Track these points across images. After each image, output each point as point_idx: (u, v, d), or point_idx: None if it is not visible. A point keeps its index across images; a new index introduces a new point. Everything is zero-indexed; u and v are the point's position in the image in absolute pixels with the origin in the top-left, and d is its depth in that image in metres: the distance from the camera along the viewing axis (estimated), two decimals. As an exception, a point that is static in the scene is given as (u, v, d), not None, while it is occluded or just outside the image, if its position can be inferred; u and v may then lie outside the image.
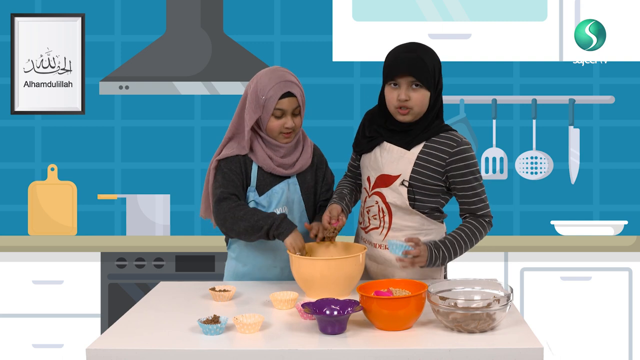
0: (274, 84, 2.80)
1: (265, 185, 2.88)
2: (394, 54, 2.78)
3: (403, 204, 2.78)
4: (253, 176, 2.88)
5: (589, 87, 4.70)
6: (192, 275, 4.21)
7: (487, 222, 2.83)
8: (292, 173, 2.91)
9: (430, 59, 2.76)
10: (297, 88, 2.83)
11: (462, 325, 2.23)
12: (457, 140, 2.78)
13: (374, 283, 2.43)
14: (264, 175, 2.89)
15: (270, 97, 2.79)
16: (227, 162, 2.86)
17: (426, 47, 2.80)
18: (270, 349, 2.14)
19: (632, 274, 4.18)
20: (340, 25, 4.36)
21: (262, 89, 2.81)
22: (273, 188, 2.88)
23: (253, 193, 2.88)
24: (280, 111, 2.80)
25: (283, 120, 2.82)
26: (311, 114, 4.64)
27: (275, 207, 2.88)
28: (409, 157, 2.77)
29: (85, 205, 4.75)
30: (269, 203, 2.88)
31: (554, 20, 4.33)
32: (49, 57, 4.70)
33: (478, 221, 2.81)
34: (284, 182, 2.91)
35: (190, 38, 4.52)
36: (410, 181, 2.76)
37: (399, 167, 2.78)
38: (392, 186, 2.78)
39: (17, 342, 4.22)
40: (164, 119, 4.75)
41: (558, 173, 4.70)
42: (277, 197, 2.89)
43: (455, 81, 4.70)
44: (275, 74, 2.84)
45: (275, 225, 2.73)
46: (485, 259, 4.21)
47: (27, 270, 4.24)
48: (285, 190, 2.90)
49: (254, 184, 2.88)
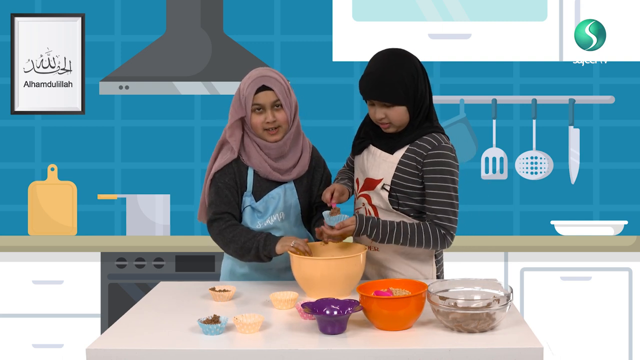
0: (251, 81, 2.80)
1: (261, 190, 2.86)
2: (363, 75, 2.74)
3: (387, 207, 2.79)
4: (249, 181, 2.86)
5: (589, 87, 4.70)
6: (192, 275, 4.21)
7: (440, 234, 2.72)
8: (289, 179, 2.89)
9: (399, 74, 2.69)
10: (274, 82, 2.80)
11: (462, 325, 2.23)
12: (434, 144, 2.73)
13: (374, 283, 2.43)
14: (260, 180, 2.87)
15: (248, 93, 2.79)
16: (221, 174, 2.84)
17: (396, 60, 2.71)
18: (270, 349, 2.14)
19: (632, 274, 4.18)
20: (340, 25, 4.35)
21: (242, 89, 2.82)
22: (270, 193, 2.86)
23: (249, 198, 2.86)
24: (257, 106, 2.79)
25: (263, 115, 2.80)
26: (311, 114, 4.65)
27: (272, 214, 2.86)
28: (391, 160, 2.77)
29: (85, 205, 4.75)
30: (265, 209, 2.86)
31: (554, 20, 4.33)
32: (49, 57, 4.70)
33: (432, 227, 2.72)
34: (281, 187, 2.88)
35: (190, 38, 4.52)
36: (392, 185, 2.76)
37: (381, 171, 2.78)
38: (375, 189, 2.80)
39: (17, 342, 4.22)
40: (164, 119, 4.75)
41: (558, 173, 4.70)
42: (273, 203, 2.87)
43: (455, 81, 4.70)
44: (255, 72, 2.84)
45: (261, 246, 2.74)
46: (485, 259, 4.21)
47: (27, 270, 4.23)
48: (281, 195, 2.87)
49: (250, 189, 2.86)
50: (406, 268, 2.83)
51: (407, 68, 2.71)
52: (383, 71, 2.69)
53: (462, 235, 4.55)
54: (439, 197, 2.71)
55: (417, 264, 2.85)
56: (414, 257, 2.84)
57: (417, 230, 2.71)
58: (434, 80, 4.68)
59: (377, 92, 2.69)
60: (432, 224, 2.73)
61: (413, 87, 2.71)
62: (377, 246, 2.83)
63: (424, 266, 2.86)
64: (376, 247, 2.83)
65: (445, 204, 2.72)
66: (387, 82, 2.68)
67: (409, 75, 2.70)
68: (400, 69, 2.70)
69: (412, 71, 2.72)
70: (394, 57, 2.73)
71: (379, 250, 2.84)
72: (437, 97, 4.65)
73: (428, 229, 2.72)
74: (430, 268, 2.88)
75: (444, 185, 2.72)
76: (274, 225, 2.87)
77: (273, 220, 2.87)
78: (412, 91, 2.71)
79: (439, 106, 4.68)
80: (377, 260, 2.85)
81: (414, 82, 2.71)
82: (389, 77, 2.68)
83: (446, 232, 2.73)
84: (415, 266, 2.85)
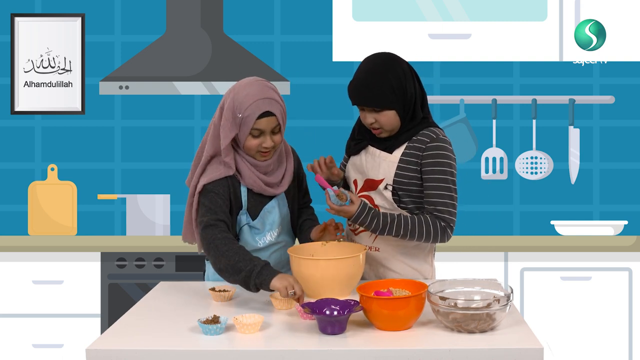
0: (252, 101, 2.60)
1: (255, 205, 2.78)
2: (351, 81, 2.74)
3: (391, 207, 2.79)
4: (243, 199, 2.74)
5: (589, 87, 4.70)
6: (192, 275, 4.21)
7: (440, 227, 2.71)
8: (281, 191, 2.83)
9: (385, 77, 2.68)
10: (277, 105, 2.63)
11: (462, 325, 2.23)
12: (432, 137, 2.75)
13: (374, 283, 2.43)
14: (254, 196, 2.77)
15: (248, 115, 2.60)
16: (214, 185, 2.67)
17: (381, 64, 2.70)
18: (270, 349, 2.14)
19: (632, 274, 4.18)
20: (340, 25, 4.36)
21: (239, 106, 2.62)
22: (265, 207, 2.79)
23: (245, 216, 2.76)
24: (258, 131, 2.63)
25: (261, 139, 2.65)
26: (311, 114, 4.65)
27: (269, 230, 2.81)
28: (391, 160, 2.77)
29: (85, 205, 4.75)
30: (262, 225, 2.80)
31: (554, 20, 4.33)
32: (49, 57, 4.70)
33: (432, 219, 2.71)
34: (274, 201, 2.82)
35: (190, 38, 4.52)
36: (394, 185, 2.76)
37: (381, 171, 2.78)
38: (377, 190, 2.79)
39: (17, 342, 4.22)
40: (164, 119, 4.75)
41: (558, 173, 4.70)
42: (270, 217, 2.80)
43: (455, 81, 4.70)
44: (254, 88, 2.62)
45: (255, 273, 2.48)
46: (485, 259, 4.21)
47: (27, 270, 4.23)
48: (276, 207, 2.82)
49: (245, 207, 2.76)
50: (405, 268, 2.84)
51: (394, 71, 2.70)
52: (369, 76, 2.69)
53: (462, 235, 4.56)
54: (439, 189, 2.72)
55: (417, 264, 2.85)
56: (414, 256, 2.84)
57: (417, 222, 2.71)
58: (434, 80, 4.68)
59: (364, 98, 2.69)
60: (432, 217, 2.72)
61: (401, 90, 2.70)
62: (378, 246, 2.83)
63: (424, 265, 2.87)
64: (377, 248, 2.84)
65: (444, 197, 2.72)
66: (373, 87, 2.67)
67: (395, 79, 2.69)
68: (387, 73, 2.69)
69: (399, 74, 2.70)
70: (379, 62, 2.72)
71: (380, 251, 2.84)
72: (437, 97, 4.66)
73: (428, 221, 2.71)
74: (429, 268, 2.88)
75: (443, 178, 2.72)
76: (275, 240, 2.84)
77: (273, 236, 2.83)
78: (400, 94, 2.70)
79: (438, 106, 4.68)
80: (378, 261, 2.85)
81: (401, 85, 2.70)
82: (375, 82, 2.68)
83: (446, 224, 2.73)
84: (415, 266, 2.85)
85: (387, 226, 2.70)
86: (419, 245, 2.84)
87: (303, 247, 2.80)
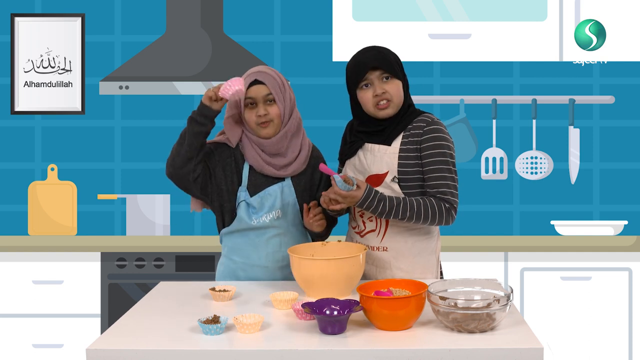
0: (245, 76, 2.85)
1: (257, 185, 2.87)
2: (354, 58, 2.83)
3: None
4: (244, 175, 2.88)
5: (589, 87, 4.70)
6: (192, 275, 4.21)
7: (445, 208, 2.74)
8: (285, 175, 2.89)
9: (390, 53, 2.82)
10: (266, 76, 2.83)
11: (462, 325, 2.23)
12: (428, 121, 2.80)
13: (374, 283, 2.43)
14: (256, 175, 2.88)
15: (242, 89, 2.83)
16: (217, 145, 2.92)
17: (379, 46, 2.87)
18: (270, 349, 2.14)
19: (632, 274, 4.18)
20: (340, 25, 4.36)
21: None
22: (266, 189, 2.86)
23: (244, 193, 2.86)
24: (250, 100, 2.83)
25: (256, 109, 2.83)
26: (311, 114, 4.64)
27: (268, 211, 2.86)
28: (391, 151, 2.79)
29: (85, 205, 4.75)
30: (260, 205, 2.85)
31: (554, 20, 4.33)
32: (49, 57, 4.70)
33: (436, 201, 2.73)
34: (278, 185, 2.88)
35: (190, 38, 4.52)
36: (399, 175, 2.77)
37: (384, 165, 2.79)
38: (383, 184, 2.79)
39: (17, 342, 4.22)
40: (164, 119, 4.75)
41: (558, 173, 4.70)
42: (269, 200, 2.86)
43: (455, 81, 4.70)
44: (250, 70, 2.88)
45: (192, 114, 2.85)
46: (485, 259, 4.21)
47: (27, 270, 4.24)
48: (278, 193, 2.87)
49: (245, 184, 2.87)
50: (413, 265, 2.82)
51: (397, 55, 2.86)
52: (378, 49, 2.83)
53: (462, 235, 4.56)
54: (440, 172, 2.74)
55: (424, 261, 2.85)
56: (421, 252, 2.83)
57: (422, 204, 2.72)
58: (434, 80, 4.69)
59: (381, 62, 2.77)
60: (436, 199, 2.74)
61: (401, 67, 2.84)
62: (386, 246, 2.82)
63: (431, 261, 2.87)
64: (385, 248, 2.83)
65: (446, 179, 2.74)
66: (385, 54, 2.80)
67: (398, 58, 2.84)
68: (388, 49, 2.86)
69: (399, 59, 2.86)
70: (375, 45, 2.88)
71: (388, 250, 2.83)
72: (437, 97, 4.66)
73: (433, 203, 2.73)
74: (433, 268, 2.88)
75: (444, 160, 2.75)
76: (270, 223, 2.87)
77: (269, 217, 2.87)
78: (401, 70, 2.83)
79: (438, 106, 4.69)
80: (383, 263, 2.84)
81: (400, 63, 2.84)
82: (385, 52, 2.82)
83: (450, 205, 2.75)
84: (422, 263, 2.84)
85: (394, 209, 2.71)
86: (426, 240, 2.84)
87: (303, 247, 2.81)
